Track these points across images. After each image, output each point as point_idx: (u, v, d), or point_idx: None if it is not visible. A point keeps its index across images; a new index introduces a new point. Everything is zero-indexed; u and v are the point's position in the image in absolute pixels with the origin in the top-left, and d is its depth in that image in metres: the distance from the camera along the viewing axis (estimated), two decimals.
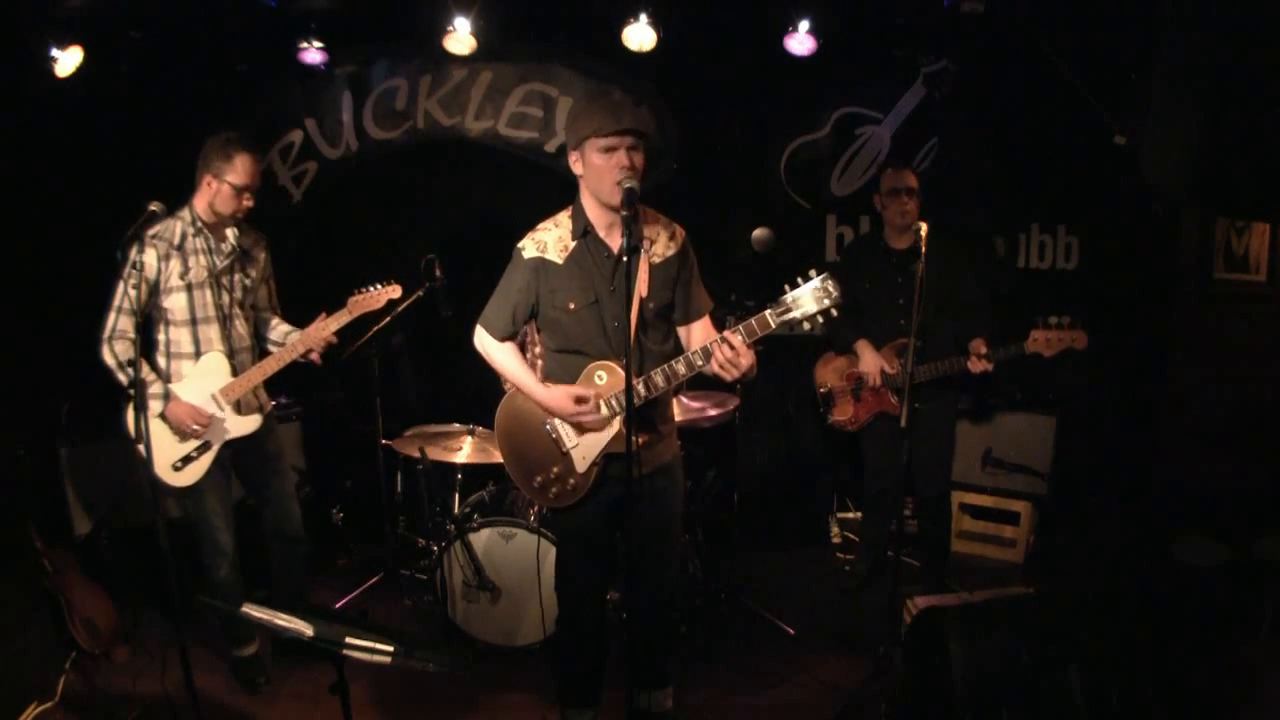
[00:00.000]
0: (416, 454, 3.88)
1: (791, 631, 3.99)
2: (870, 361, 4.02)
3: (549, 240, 2.76)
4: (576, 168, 2.69)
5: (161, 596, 2.99)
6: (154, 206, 2.80)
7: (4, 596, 3.59)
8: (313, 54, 4.64)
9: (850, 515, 5.23)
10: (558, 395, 2.75)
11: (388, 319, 4.20)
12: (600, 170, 2.59)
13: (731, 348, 2.55)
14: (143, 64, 4.51)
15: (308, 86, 4.93)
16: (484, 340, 2.89)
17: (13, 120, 4.20)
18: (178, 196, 3.24)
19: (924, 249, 3.24)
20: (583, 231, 2.73)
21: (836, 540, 5.13)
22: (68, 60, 4.15)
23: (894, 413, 4.02)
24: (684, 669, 3.61)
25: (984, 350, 3.81)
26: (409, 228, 5.00)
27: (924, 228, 3.30)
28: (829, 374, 4.29)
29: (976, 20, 4.28)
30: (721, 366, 2.59)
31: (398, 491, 4.64)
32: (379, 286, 3.49)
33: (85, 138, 4.48)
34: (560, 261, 2.74)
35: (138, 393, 2.85)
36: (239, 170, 3.17)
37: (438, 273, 4.08)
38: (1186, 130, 2.97)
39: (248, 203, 3.24)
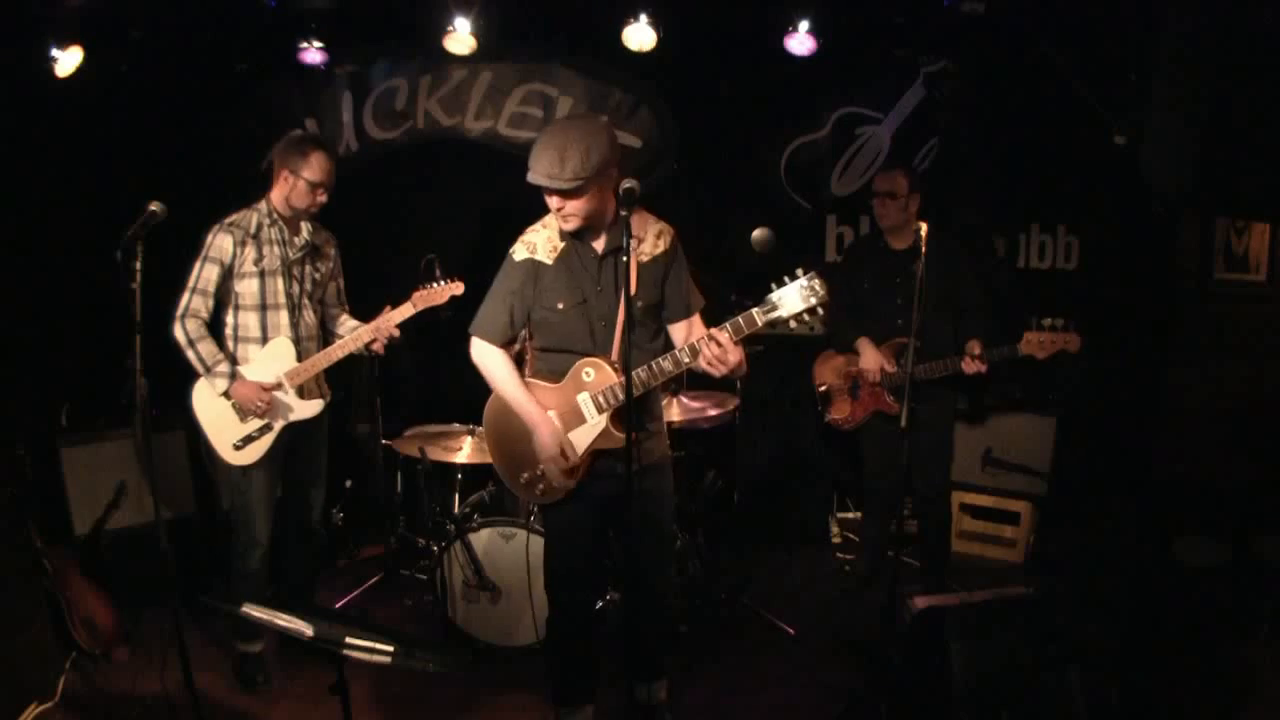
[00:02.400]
0: (416, 454, 3.88)
1: (791, 631, 3.99)
2: (870, 358, 4.02)
3: (539, 242, 2.80)
4: None
5: (161, 596, 2.99)
6: (154, 206, 2.81)
7: (4, 596, 3.58)
8: (313, 54, 4.65)
9: (850, 515, 5.23)
10: (547, 433, 2.77)
11: None
12: (546, 202, 2.68)
13: (719, 345, 2.58)
14: (143, 64, 4.51)
15: (308, 86, 4.93)
16: (481, 350, 2.88)
17: (13, 120, 4.20)
18: (178, 196, 3.23)
19: (924, 249, 3.24)
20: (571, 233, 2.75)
21: (836, 540, 5.13)
22: (68, 60, 4.14)
23: (890, 412, 4.03)
24: (684, 669, 3.61)
25: (978, 351, 3.82)
26: (409, 228, 5.00)
27: (924, 228, 3.30)
28: (827, 372, 4.29)
29: (976, 20, 4.28)
30: (709, 363, 2.61)
31: (398, 491, 4.65)
32: (443, 282, 3.59)
33: (85, 138, 4.48)
34: (550, 262, 2.78)
35: (136, 393, 2.86)
36: (314, 167, 3.29)
37: (438, 273, 4.08)
38: (1186, 130, 2.97)
39: (321, 198, 3.37)
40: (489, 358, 2.88)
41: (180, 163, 4.57)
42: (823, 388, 4.29)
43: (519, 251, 2.81)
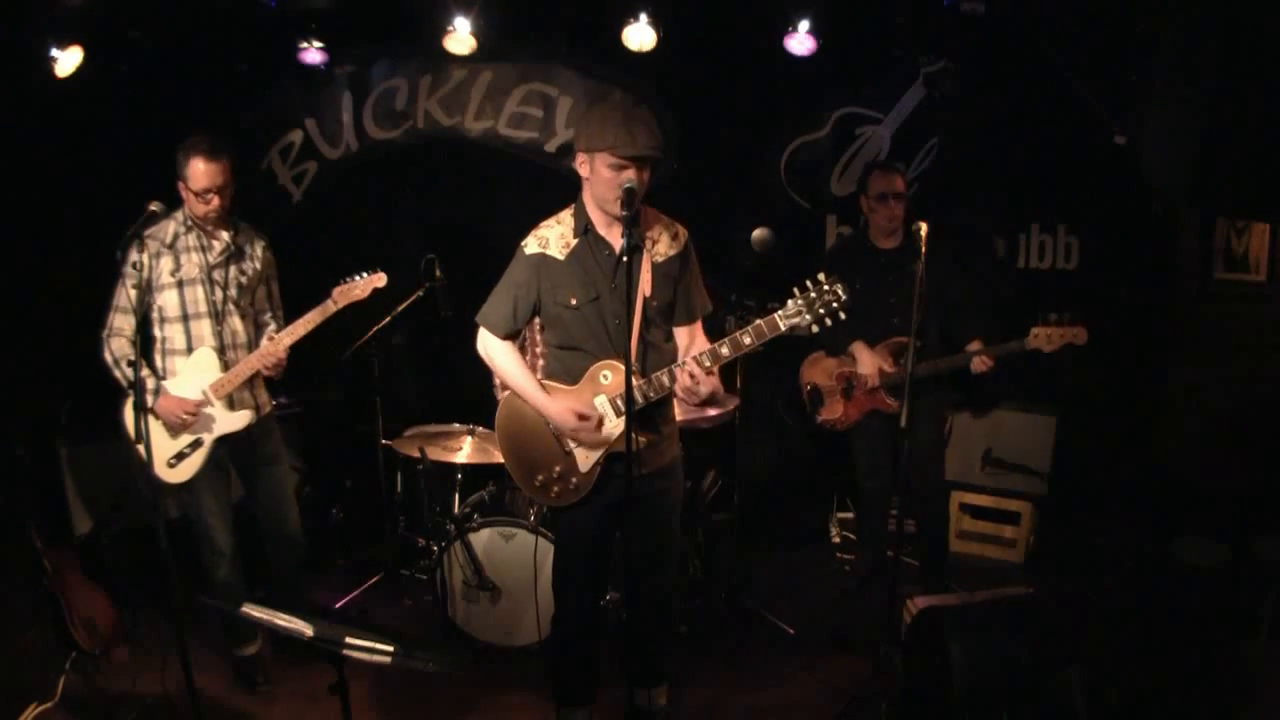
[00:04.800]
0: (416, 454, 3.88)
1: (791, 631, 3.99)
2: (868, 363, 4.01)
3: (551, 237, 2.78)
4: (582, 169, 2.70)
5: (161, 596, 2.99)
6: (154, 206, 2.81)
7: (4, 596, 3.59)
8: (313, 54, 4.65)
9: (850, 515, 5.23)
10: (560, 409, 2.75)
11: (388, 319, 4.20)
12: (607, 182, 2.61)
13: (691, 376, 2.62)
14: (143, 64, 4.51)
15: (308, 86, 4.94)
16: (486, 341, 2.89)
17: (13, 120, 4.20)
18: (178, 196, 3.25)
19: (924, 249, 3.23)
20: (584, 229, 2.75)
21: (836, 540, 5.13)
22: (68, 60, 4.15)
23: (887, 411, 4.03)
24: (684, 669, 3.61)
25: (977, 348, 3.82)
26: (409, 228, 5.01)
27: (924, 228, 3.28)
28: (816, 373, 4.27)
29: (976, 20, 4.28)
30: (682, 392, 2.65)
31: (398, 491, 4.65)
32: (364, 275, 3.45)
33: (85, 138, 4.48)
34: (562, 258, 2.75)
35: (138, 393, 2.85)
36: (194, 176, 3.17)
37: (438, 273, 4.09)
38: (1186, 130, 2.97)
39: (215, 203, 3.22)
40: (492, 347, 2.88)
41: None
42: (810, 387, 4.27)
43: (530, 245, 2.79)
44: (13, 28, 4.05)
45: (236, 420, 3.36)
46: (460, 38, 4.49)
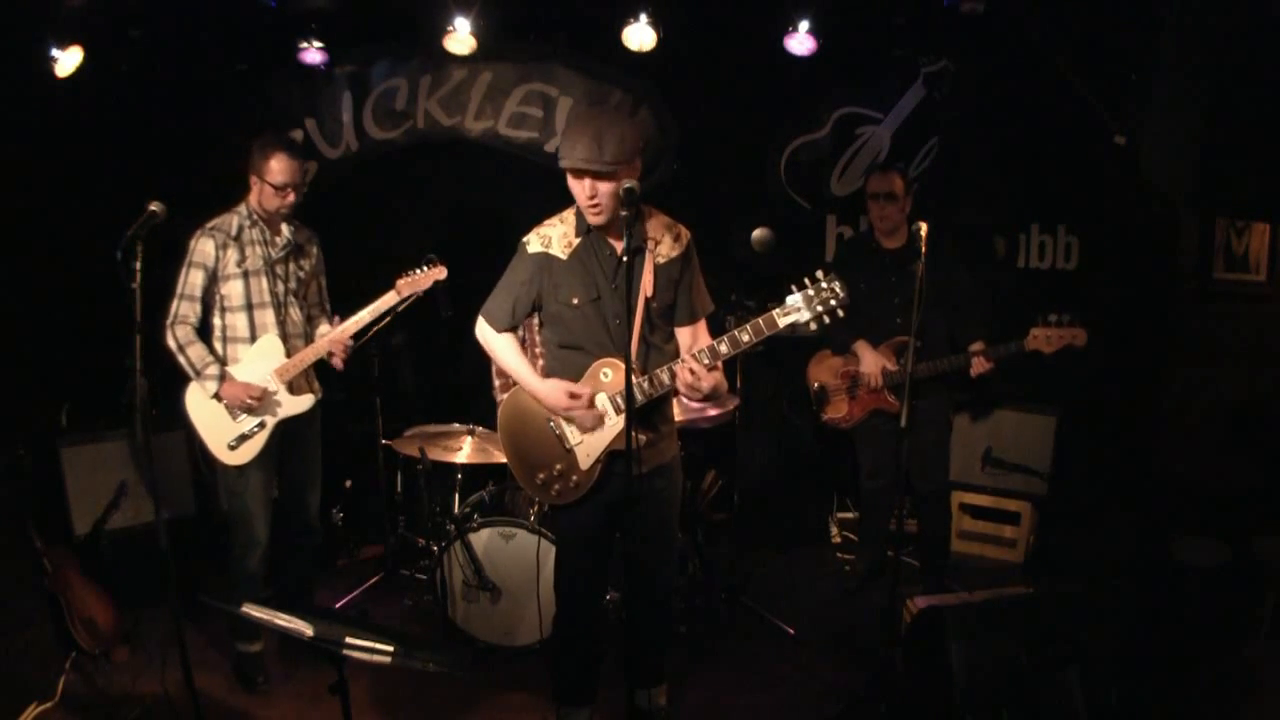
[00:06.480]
0: (416, 454, 3.88)
1: (791, 631, 3.99)
2: (871, 362, 4.01)
3: (554, 235, 2.79)
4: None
5: (161, 596, 2.99)
6: (154, 206, 2.81)
7: (4, 596, 3.59)
8: (313, 54, 4.65)
9: (850, 515, 5.23)
10: (552, 388, 2.77)
11: (388, 319, 4.20)
12: (573, 191, 2.67)
13: (692, 372, 2.62)
14: (143, 64, 4.51)
15: (308, 86, 4.94)
16: (484, 330, 2.93)
17: (13, 120, 4.20)
18: (178, 196, 3.24)
19: (924, 249, 3.24)
20: (586, 229, 2.76)
21: (836, 540, 5.13)
22: (68, 60, 4.15)
23: (890, 411, 4.03)
24: (684, 669, 3.61)
25: (980, 348, 3.82)
26: (409, 228, 5.00)
27: (924, 227, 3.29)
28: (823, 372, 4.28)
29: (976, 20, 4.28)
30: (684, 388, 2.65)
31: (398, 491, 4.65)
32: (425, 269, 3.63)
33: (85, 138, 4.48)
34: (564, 257, 2.77)
35: (138, 393, 2.86)
36: (275, 171, 3.30)
37: None
38: (1187, 131, 2.98)
39: (290, 198, 3.37)
40: (490, 336, 2.92)
41: (180, 163, 4.57)
42: (816, 386, 4.28)
43: (532, 243, 2.80)
44: (13, 28, 4.05)
45: (301, 404, 3.48)
46: (460, 38, 4.49)
